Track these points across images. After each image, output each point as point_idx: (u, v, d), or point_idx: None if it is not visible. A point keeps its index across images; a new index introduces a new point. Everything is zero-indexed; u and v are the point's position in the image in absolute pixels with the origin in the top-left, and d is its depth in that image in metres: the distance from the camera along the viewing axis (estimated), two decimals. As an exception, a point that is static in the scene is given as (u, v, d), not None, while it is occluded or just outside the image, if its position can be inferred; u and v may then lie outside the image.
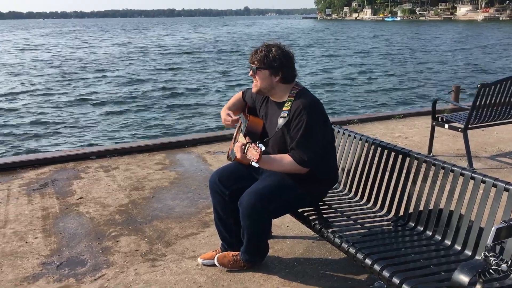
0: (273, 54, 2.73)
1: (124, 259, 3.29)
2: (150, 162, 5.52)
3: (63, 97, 16.09)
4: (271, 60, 2.72)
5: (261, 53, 2.74)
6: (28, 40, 56.86)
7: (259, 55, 2.74)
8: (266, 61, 2.73)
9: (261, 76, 2.77)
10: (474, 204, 2.49)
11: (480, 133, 6.36)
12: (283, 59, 2.75)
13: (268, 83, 2.78)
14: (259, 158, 2.52)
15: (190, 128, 11.73)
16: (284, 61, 2.75)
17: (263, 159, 2.58)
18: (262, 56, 2.73)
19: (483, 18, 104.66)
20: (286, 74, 2.77)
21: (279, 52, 2.75)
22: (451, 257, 2.47)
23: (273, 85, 2.79)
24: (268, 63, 2.73)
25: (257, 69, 2.76)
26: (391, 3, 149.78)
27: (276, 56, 2.72)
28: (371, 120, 7.53)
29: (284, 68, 2.75)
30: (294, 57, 2.84)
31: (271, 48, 2.75)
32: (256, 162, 2.53)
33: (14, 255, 3.37)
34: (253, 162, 2.55)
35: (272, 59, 2.72)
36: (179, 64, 26.66)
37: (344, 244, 2.56)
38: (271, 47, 2.76)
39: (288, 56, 2.78)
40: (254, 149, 2.54)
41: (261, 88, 2.82)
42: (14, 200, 4.39)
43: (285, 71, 2.76)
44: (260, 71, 2.76)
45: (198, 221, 3.90)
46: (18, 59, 30.44)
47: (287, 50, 2.80)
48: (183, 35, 63.75)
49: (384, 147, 3.12)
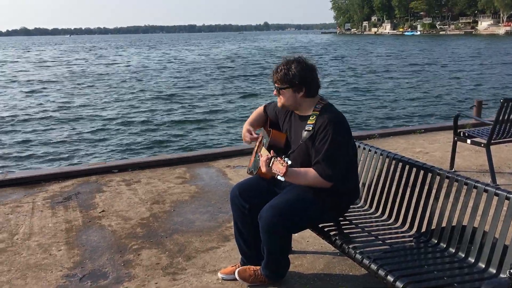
0: (293, 71, 2.74)
1: (145, 272, 3.32)
2: (171, 176, 5.58)
3: (86, 111, 16.39)
4: (291, 78, 2.74)
5: (281, 72, 2.76)
6: (63, 54, 58.25)
7: (279, 74, 2.77)
8: (287, 79, 2.75)
9: (285, 95, 2.81)
10: (498, 221, 2.45)
11: (503, 148, 6.26)
12: (304, 74, 2.75)
13: (293, 100, 2.81)
14: (285, 172, 2.51)
15: (210, 142, 11.82)
16: (305, 76, 2.76)
17: (288, 173, 2.57)
18: (282, 75, 2.76)
19: (504, 32, 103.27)
20: (309, 88, 2.79)
21: (299, 68, 2.75)
22: (474, 275, 2.42)
23: (297, 101, 2.81)
24: (289, 81, 2.75)
25: (280, 89, 2.80)
26: (411, 17, 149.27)
27: (296, 72, 2.73)
28: (392, 134, 7.48)
29: (306, 83, 2.76)
30: (315, 69, 2.83)
31: (291, 65, 2.76)
32: (282, 176, 2.53)
33: (38, 267, 3.44)
34: (279, 176, 2.54)
35: (292, 76, 2.74)
36: (200, 78, 26.93)
37: (365, 260, 2.54)
38: (290, 64, 2.77)
39: (308, 69, 2.78)
40: (280, 163, 2.53)
41: (285, 105, 2.86)
42: (38, 213, 4.48)
43: (308, 86, 2.78)
44: (283, 90, 2.79)
45: (218, 235, 3.92)
46: (45, 73, 31.18)
47: (307, 63, 2.80)
48: (203, 50, 64.46)
49: (405, 163, 3.10)
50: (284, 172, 2.51)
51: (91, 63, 42.02)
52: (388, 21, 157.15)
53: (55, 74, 31.21)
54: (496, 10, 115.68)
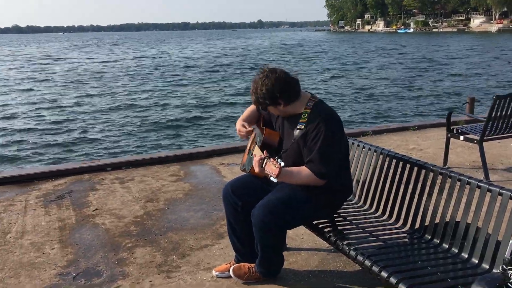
0: (263, 91, 2.70)
1: (139, 270, 3.31)
2: (164, 173, 5.57)
3: (79, 109, 16.31)
4: (264, 98, 2.72)
5: (256, 94, 2.75)
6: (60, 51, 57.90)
7: (255, 97, 2.77)
8: (262, 100, 2.74)
9: (270, 110, 2.87)
10: (491, 216, 2.47)
11: (495, 145, 6.29)
12: (275, 90, 2.69)
13: (280, 111, 2.84)
14: (278, 174, 2.50)
15: (204, 140, 11.80)
16: (277, 90, 2.69)
17: (281, 174, 2.54)
18: (256, 98, 2.76)
19: (497, 29, 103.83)
20: (286, 98, 2.74)
21: (269, 84, 2.68)
22: (468, 270, 2.44)
23: (283, 110, 2.81)
24: (264, 101, 2.74)
25: (262, 109, 2.92)
26: (404, 15, 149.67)
27: (266, 91, 2.69)
28: (385, 131, 7.51)
29: (281, 96, 2.71)
30: (284, 76, 2.73)
31: (259, 85, 2.71)
32: (275, 178, 2.51)
33: (32, 265, 3.42)
34: (271, 177, 2.53)
35: (264, 96, 2.71)
36: (193, 77, 26.87)
37: (359, 256, 2.54)
38: (258, 83, 2.72)
39: (279, 82, 2.70)
40: (273, 164, 2.52)
41: (281, 115, 2.92)
42: (31, 211, 4.45)
43: (284, 96, 2.72)
44: (267, 108, 2.83)
45: (212, 232, 3.91)
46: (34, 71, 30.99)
47: (276, 76, 2.71)
48: (198, 48, 64.30)
49: (399, 159, 3.11)
50: (277, 173, 2.50)
51: (83, 61, 41.79)
52: (381, 19, 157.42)
53: (54, 72, 31.03)
54: (489, 7, 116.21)
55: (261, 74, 2.75)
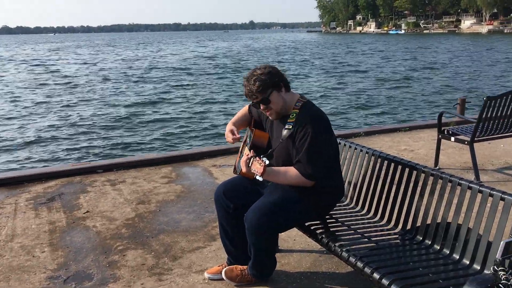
0: (264, 75, 2.72)
1: (131, 273, 3.29)
2: (156, 175, 5.54)
3: (70, 111, 16.20)
4: (267, 80, 2.72)
5: (255, 84, 2.71)
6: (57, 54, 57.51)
7: (255, 87, 2.71)
8: (265, 84, 2.71)
9: (273, 101, 2.76)
10: (482, 217, 2.48)
11: (486, 146, 6.34)
12: (271, 72, 2.76)
13: (282, 100, 2.78)
14: (263, 172, 2.52)
15: (195, 141, 11.77)
16: (273, 73, 2.77)
17: (267, 172, 2.57)
18: (258, 86, 2.71)
19: (487, 30, 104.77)
20: (285, 81, 2.81)
21: (264, 71, 2.74)
22: (459, 271, 2.45)
23: (285, 99, 2.80)
24: (267, 84, 2.72)
25: (266, 98, 2.74)
26: (395, 16, 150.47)
27: (266, 74, 2.73)
28: (377, 133, 7.53)
29: (279, 79, 2.77)
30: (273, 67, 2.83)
31: (257, 75, 2.73)
32: (260, 176, 2.53)
33: (22, 269, 3.38)
34: (257, 176, 2.55)
35: (267, 78, 2.72)
36: (185, 78, 26.81)
37: (351, 258, 2.55)
38: (255, 74, 2.74)
39: (271, 68, 2.79)
40: (258, 162, 2.54)
41: (278, 111, 2.81)
42: (21, 214, 4.41)
43: (283, 80, 2.80)
44: (270, 97, 2.74)
45: (204, 234, 3.90)
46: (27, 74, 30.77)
47: (264, 65, 2.81)
48: (189, 49, 64.19)
49: (390, 160, 3.12)
50: (262, 171, 2.51)
51: (72, 63, 41.55)
52: (373, 20, 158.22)
53: (38, 74, 30.82)
54: (479, 9, 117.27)
55: (256, 68, 2.81)
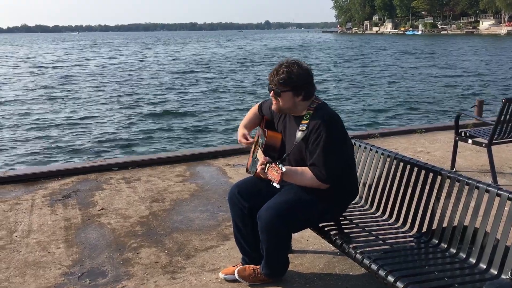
0: (295, 74, 2.68)
1: (144, 271, 3.31)
2: (170, 174, 5.56)
3: (87, 108, 16.36)
4: (294, 81, 2.68)
5: (282, 74, 2.68)
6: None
7: (280, 77, 2.68)
8: (289, 82, 2.68)
9: (284, 98, 2.73)
10: (500, 221, 2.44)
11: (504, 148, 6.24)
12: (305, 77, 2.71)
13: (291, 103, 2.75)
14: (279, 180, 2.48)
15: (210, 141, 11.80)
16: (305, 79, 2.72)
17: (284, 177, 2.52)
18: (283, 77, 2.68)
19: (506, 32, 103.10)
20: (307, 91, 2.75)
21: (300, 71, 2.70)
22: (476, 275, 2.41)
23: (295, 104, 2.76)
24: (290, 84, 2.69)
25: (281, 92, 2.71)
26: (413, 16, 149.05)
27: (298, 75, 2.69)
28: (393, 134, 7.46)
29: (305, 87, 2.73)
30: (312, 72, 2.80)
31: (291, 68, 2.69)
32: (278, 184, 2.50)
33: (37, 265, 3.42)
34: (274, 183, 2.51)
35: (294, 80, 2.68)
36: (200, 78, 26.90)
37: (365, 260, 2.52)
38: (291, 67, 2.70)
39: (308, 73, 2.74)
40: (275, 169, 2.50)
41: (283, 108, 2.80)
42: (37, 210, 4.46)
43: (307, 89, 2.74)
44: (283, 93, 2.72)
45: (217, 233, 3.90)
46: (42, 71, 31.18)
47: (306, 67, 2.76)
48: (207, 49, 64.42)
49: (406, 162, 3.08)
50: (279, 180, 2.48)
51: (93, 61, 42.00)
52: (389, 21, 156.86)
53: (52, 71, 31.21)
54: (498, 10, 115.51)
55: (293, 59, 2.75)
